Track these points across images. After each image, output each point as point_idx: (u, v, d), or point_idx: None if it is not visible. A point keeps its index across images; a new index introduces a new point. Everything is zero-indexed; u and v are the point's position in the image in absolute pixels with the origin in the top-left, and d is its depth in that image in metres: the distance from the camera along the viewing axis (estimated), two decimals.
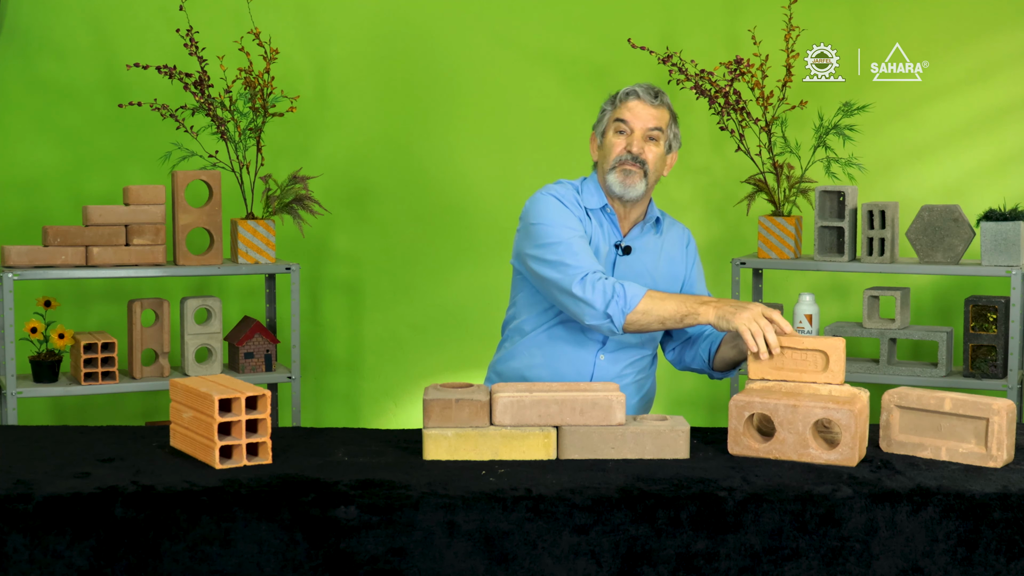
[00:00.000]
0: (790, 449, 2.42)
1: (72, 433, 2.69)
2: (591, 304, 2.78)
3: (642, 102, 2.96)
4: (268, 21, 4.45)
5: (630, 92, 2.98)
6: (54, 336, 4.03)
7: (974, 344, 4.12)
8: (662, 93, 2.99)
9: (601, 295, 2.77)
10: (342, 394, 4.92)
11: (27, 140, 4.61)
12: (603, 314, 2.77)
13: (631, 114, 2.95)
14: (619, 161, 2.94)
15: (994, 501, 2.22)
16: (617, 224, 3.02)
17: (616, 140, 2.96)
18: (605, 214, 3.01)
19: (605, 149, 2.99)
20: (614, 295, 2.76)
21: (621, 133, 2.96)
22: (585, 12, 4.79)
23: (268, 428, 2.40)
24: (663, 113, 2.98)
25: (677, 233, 3.13)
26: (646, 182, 2.96)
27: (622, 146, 2.95)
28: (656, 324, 2.78)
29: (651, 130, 2.95)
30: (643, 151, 2.94)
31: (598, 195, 3.01)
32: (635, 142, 2.94)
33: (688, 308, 2.75)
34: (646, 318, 2.77)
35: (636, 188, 2.95)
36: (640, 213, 3.05)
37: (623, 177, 2.94)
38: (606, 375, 2.97)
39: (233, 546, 2.17)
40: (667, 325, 2.78)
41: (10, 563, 2.16)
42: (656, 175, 2.99)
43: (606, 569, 2.19)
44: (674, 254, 3.10)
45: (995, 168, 4.61)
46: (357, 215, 4.83)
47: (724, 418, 4.51)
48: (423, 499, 2.19)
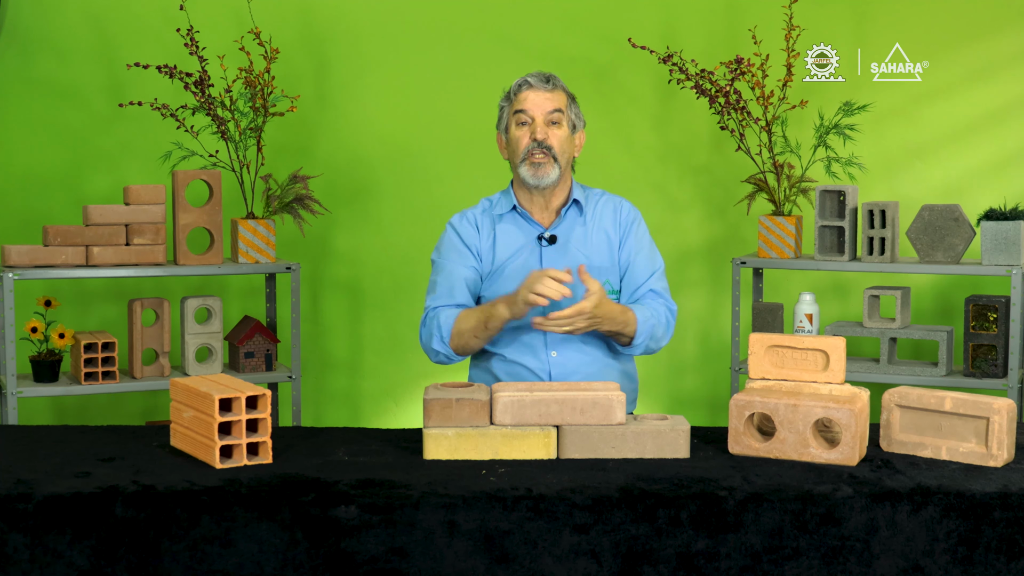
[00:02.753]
0: (790, 448, 2.42)
1: (72, 433, 2.69)
2: (425, 346, 2.99)
3: (535, 90, 3.01)
4: (268, 21, 4.45)
5: (522, 83, 3.03)
6: (54, 336, 4.03)
7: (974, 344, 4.12)
8: (554, 77, 3.04)
9: (427, 335, 2.98)
10: (342, 394, 4.92)
11: (27, 140, 4.61)
12: (434, 351, 2.98)
13: (528, 103, 2.99)
14: (527, 152, 2.98)
15: (994, 501, 2.22)
16: (532, 220, 3.04)
17: (519, 132, 3.00)
18: (518, 214, 3.05)
19: (512, 144, 3.03)
20: (434, 330, 2.95)
21: (523, 124, 3.00)
22: (585, 12, 4.79)
23: (268, 428, 2.40)
24: (559, 95, 3.02)
25: (610, 208, 3.09)
26: (558, 167, 2.99)
27: (527, 136, 2.99)
28: (474, 340, 2.93)
29: (550, 113, 2.99)
30: (547, 136, 2.98)
31: (507, 199, 3.07)
32: (538, 129, 2.97)
33: (486, 312, 2.90)
34: (461, 339, 2.94)
35: (549, 176, 2.98)
36: (563, 199, 3.06)
37: (534, 170, 2.98)
38: (562, 373, 2.98)
39: (233, 546, 2.17)
40: (481, 336, 2.92)
41: (10, 563, 2.16)
42: (566, 157, 3.02)
43: (606, 569, 2.19)
44: (607, 229, 3.07)
45: (995, 168, 4.61)
46: (357, 215, 4.83)
47: (724, 418, 4.51)
48: (423, 499, 2.19)
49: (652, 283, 3.05)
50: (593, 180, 3.30)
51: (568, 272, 2.75)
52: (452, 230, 3.09)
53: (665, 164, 4.84)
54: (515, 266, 3.02)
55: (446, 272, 3.03)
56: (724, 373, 4.77)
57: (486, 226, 3.06)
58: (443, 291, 3.01)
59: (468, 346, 2.96)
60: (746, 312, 4.55)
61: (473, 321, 2.92)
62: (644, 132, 4.82)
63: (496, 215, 3.06)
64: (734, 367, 4.39)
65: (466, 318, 2.93)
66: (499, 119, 3.09)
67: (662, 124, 4.82)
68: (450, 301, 2.99)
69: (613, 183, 3.76)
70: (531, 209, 3.06)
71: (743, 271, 4.45)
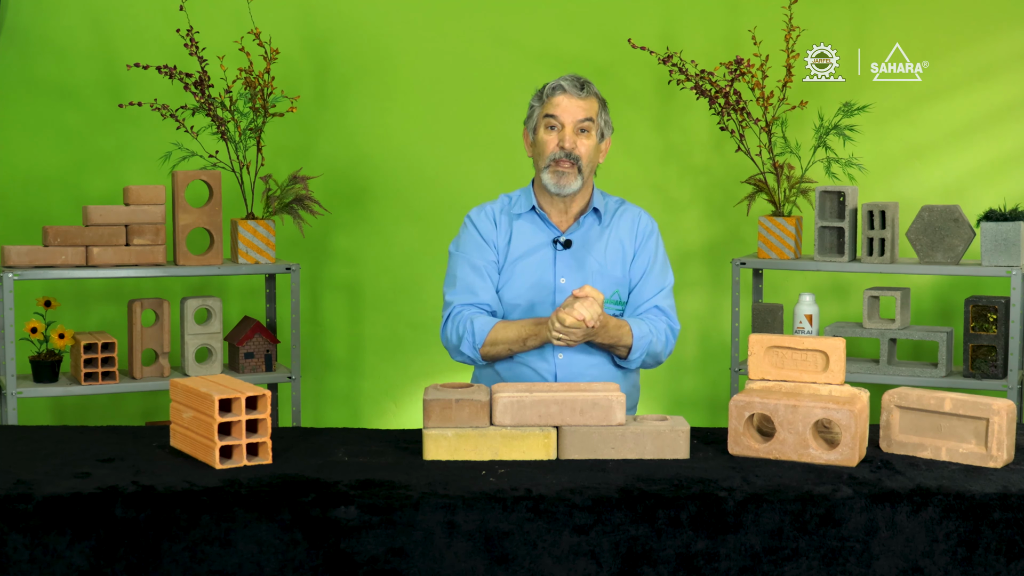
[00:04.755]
0: (790, 449, 2.42)
1: (72, 433, 2.69)
2: (448, 343, 2.97)
3: (569, 95, 2.97)
4: (268, 21, 4.45)
5: (556, 87, 2.99)
6: (54, 336, 4.03)
7: (974, 344, 4.12)
8: (588, 83, 3.00)
9: (455, 336, 2.95)
10: (342, 394, 4.92)
11: (27, 140, 4.61)
12: (460, 352, 2.96)
13: (560, 109, 2.96)
14: (553, 160, 2.96)
15: (994, 501, 2.22)
16: (549, 222, 3.03)
17: (547, 137, 2.97)
18: (536, 215, 3.04)
19: (538, 147, 3.00)
20: (465, 333, 2.92)
21: (552, 129, 2.97)
22: (585, 12, 4.79)
23: (268, 428, 2.40)
24: (591, 103, 2.98)
25: (628, 219, 3.07)
26: (581, 177, 2.97)
27: (554, 143, 2.96)
28: (507, 352, 2.93)
29: (581, 122, 2.96)
30: (575, 146, 2.95)
31: (527, 198, 3.05)
32: (567, 138, 2.95)
33: (528, 330, 2.88)
34: (495, 348, 2.92)
35: (571, 186, 2.96)
36: (582, 206, 3.05)
37: (557, 178, 2.96)
38: (568, 375, 2.98)
39: (233, 546, 2.17)
40: (516, 350, 2.92)
41: (10, 563, 2.16)
42: (591, 167, 3.00)
43: (606, 569, 2.19)
44: (623, 240, 3.05)
45: (995, 168, 4.61)
46: (357, 215, 4.83)
47: (724, 418, 4.51)
48: (423, 499, 2.19)
49: (659, 300, 3.02)
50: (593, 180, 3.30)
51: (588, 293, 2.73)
52: (471, 223, 3.05)
53: (665, 165, 4.84)
54: (528, 265, 3.00)
55: (467, 267, 3.00)
56: (724, 374, 4.77)
57: (503, 222, 3.04)
58: (464, 287, 2.98)
59: (499, 356, 2.95)
60: (746, 313, 4.55)
61: (513, 335, 2.89)
62: (644, 132, 4.82)
63: (514, 213, 3.05)
64: (734, 368, 4.39)
65: (504, 330, 2.90)
66: (528, 116, 3.05)
67: (662, 125, 4.82)
68: (473, 299, 2.96)
69: (613, 183, 3.77)
70: (550, 212, 3.04)
71: (743, 272, 4.45)
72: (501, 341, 2.90)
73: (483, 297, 2.98)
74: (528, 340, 2.88)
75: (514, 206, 3.06)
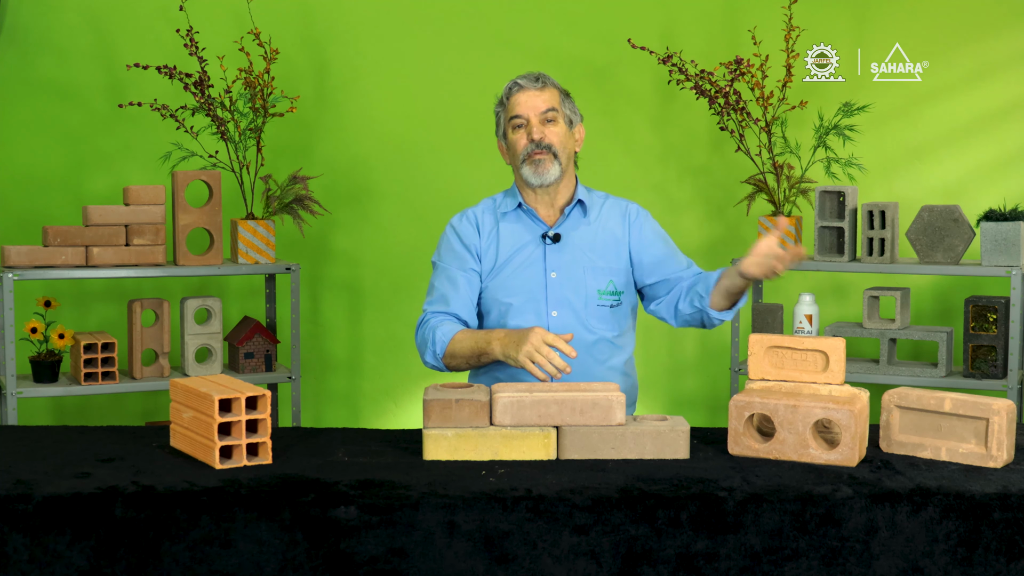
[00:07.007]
0: (790, 449, 2.42)
1: (72, 433, 2.69)
2: (419, 350, 2.99)
3: (526, 91, 3.01)
4: (268, 21, 4.45)
5: (512, 86, 3.04)
6: (54, 336, 4.03)
7: (974, 344, 4.12)
8: (543, 75, 3.04)
9: (422, 342, 2.98)
10: (342, 394, 4.92)
11: (27, 140, 4.61)
12: (426, 360, 2.98)
13: (521, 106, 3.00)
14: (526, 154, 2.98)
15: (994, 501, 2.22)
16: (537, 217, 3.04)
17: (517, 136, 3.01)
18: (524, 211, 3.05)
19: (512, 149, 3.04)
20: (428, 342, 2.95)
21: (520, 127, 3.00)
22: (585, 12, 4.79)
23: (268, 428, 2.40)
24: (551, 93, 3.02)
25: (616, 209, 3.09)
26: (558, 163, 2.99)
27: (524, 139, 2.99)
28: (464, 363, 2.94)
29: (544, 113, 2.99)
30: (544, 135, 2.98)
31: (512, 198, 3.07)
32: (534, 129, 2.98)
33: (481, 344, 2.87)
34: (454, 360, 2.94)
35: (551, 172, 2.98)
36: (568, 198, 3.07)
37: (534, 168, 2.98)
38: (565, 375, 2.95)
39: (233, 546, 2.17)
40: (473, 364, 2.93)
41: (10, 563, 2.16)
42: (567, 153, 3.02)
43: (606, 569, 2.19)
44: (613, 229, 3.06)
45: (995, 168, 4.61)
46: (357, 215, 4.83)
47: (724, 418, 4.51)
48: (423, 499, 2.19)
49: (694, 267, 3.09)
50: (593, 180, 3.30)
51: (571, 337, 2.73)
52: (452, 231, 3.09)
53: (665, 164, 4.84)
54: (518, 263, 3.02)
55: (443, 276, 3.04)
56: (724, 374, 4.77)
57: (488, 223, 3.06)
58: (439, 296, 3.02)
59: (459, 367, 2.97)
60: (746, 313, 4.55)
61: (468, 349, 2.90)
62: (644, 133, 4.82)
63: (500, 212, 3.06)
64: (734, 368, 4.39)
65: (461, 342, 2.91)
66: (497, 126, 3.09)
67: (662, 125, 4.82)
68: (445, 308, 3.00)
69: (613, 183, 3.77)
70: (536, 207, 3.06)
71: None
72: (458, 353, 2.91)
73: (455, 307, 3.00)
74: (482, 357, 2.88)
75: (500, 206, 3.08)
